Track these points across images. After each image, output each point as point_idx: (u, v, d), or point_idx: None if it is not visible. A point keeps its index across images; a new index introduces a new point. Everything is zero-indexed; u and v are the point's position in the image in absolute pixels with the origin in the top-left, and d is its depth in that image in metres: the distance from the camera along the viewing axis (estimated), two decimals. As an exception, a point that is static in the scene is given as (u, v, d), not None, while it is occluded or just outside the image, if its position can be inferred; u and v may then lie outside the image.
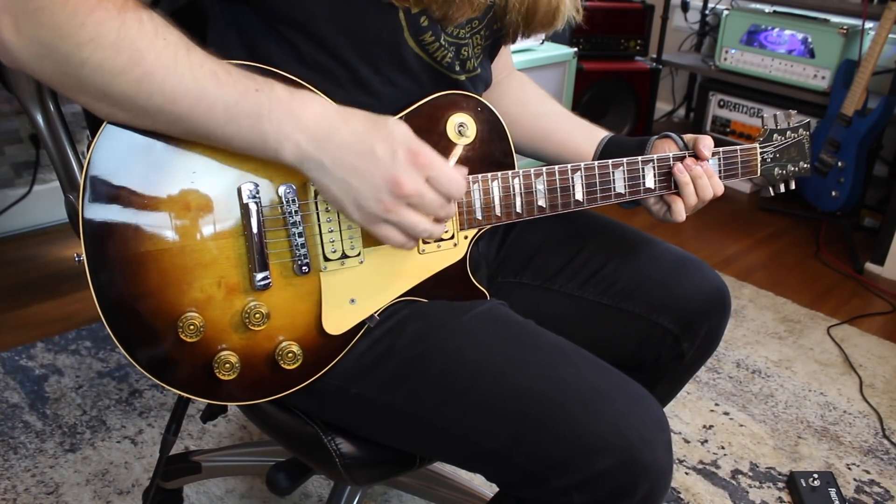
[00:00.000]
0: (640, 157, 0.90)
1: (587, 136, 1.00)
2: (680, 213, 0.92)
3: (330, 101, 0.71)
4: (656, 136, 0.97)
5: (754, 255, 2.50)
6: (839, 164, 2.41)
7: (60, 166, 0.91)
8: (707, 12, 3.26)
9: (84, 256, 0.69)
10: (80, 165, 0.74)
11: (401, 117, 0.80)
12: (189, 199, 0.71)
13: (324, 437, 0.86)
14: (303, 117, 0.68)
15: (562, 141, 1.01)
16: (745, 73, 2.83)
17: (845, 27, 2.53)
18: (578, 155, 0.99)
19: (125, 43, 0.63)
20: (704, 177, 0.91)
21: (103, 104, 0.67)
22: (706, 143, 0.92)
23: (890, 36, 2.31)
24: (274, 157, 0.69)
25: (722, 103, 2.96)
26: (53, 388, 1.68)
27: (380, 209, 0.69)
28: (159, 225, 0.71)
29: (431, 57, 0.81)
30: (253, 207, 0.72)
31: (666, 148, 0.95)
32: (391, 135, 0.69)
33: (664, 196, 0.93)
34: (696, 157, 0.92)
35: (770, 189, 1.03)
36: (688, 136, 0.96)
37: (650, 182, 0.91)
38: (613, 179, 0.89)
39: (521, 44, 2.49)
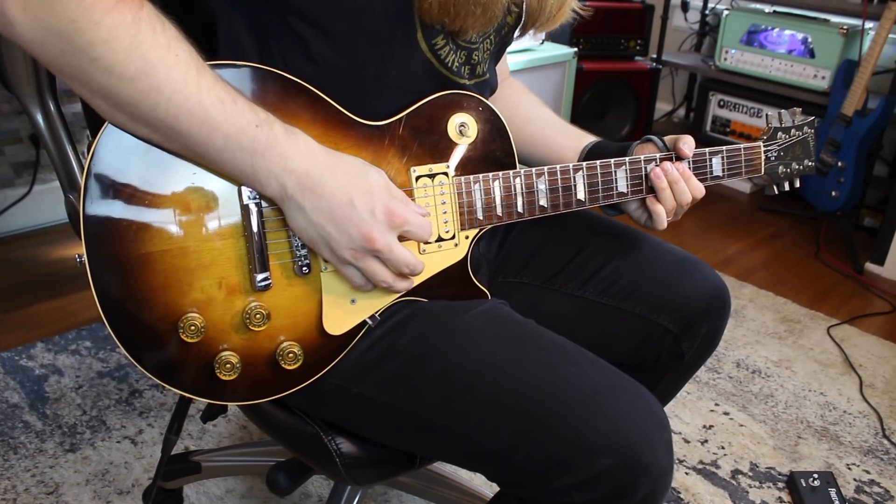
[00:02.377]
0: (642, 156, 0.90)
1: (572, 142, 1.00)
2: (661, 218, 0.90)
3: (319, 145, 0.72)
4: (637, 142, 0.96)
5: (754, 255, 2.50)
6: (839, 164, 2.41)
7: (60, 166, 0.91)
8: (707, 12, 3.26)
9: (85, 257, 0.69)
10: (81, 165, 0.74)
11: (401, 117, 0.80)
12: (189, 199, 0.71)
13: (324, 436, 0.86)
14: (293, 160, 0.70)
15: (548, 146, 1.01)
16: (745, 73, 2.83)
17: (845, 27, 2.53)
18: (560, 161, 0.98)
19: (138, 52, 0.63)
20: (681, 181, 0.89)
21: (103, 102, 0.67)
22: (687, 141, 0.91)
23: (890, 36, 2.31)
24: (259, 190, 0.72)
25: (722, 103, 2.96)
26: (53, 388, 1.68)
27: (350, 256, 0.73)
28: (160, 226, 0.71)
29: (441, 62, 0.81)
30: (253, 208, 0.72)
31: (647, 152, 0.94)
32: (370, 190, 0.72)
33: (646, 203, 0.92)
34: (679, 157, 0.91)
35: (774, 188, 1.03)
36: (668, 138, 0.95)
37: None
38: (615, 179, 0.89)
39: (521, 44, 2.49)
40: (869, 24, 2.53)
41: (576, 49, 2.65)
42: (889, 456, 1.62)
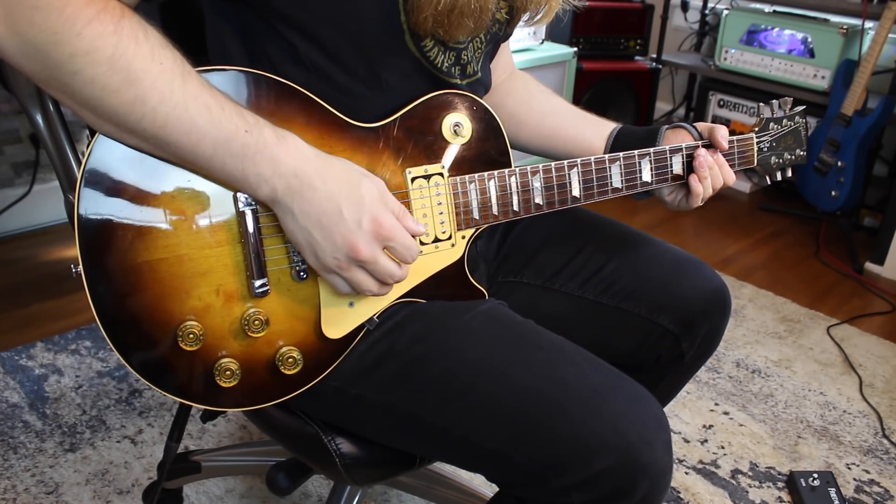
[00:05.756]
0: (636, 152, 0.90)
1: (596, 130, 1.00)
2: (696, 198, 0.93)
3: (311, 147, 0.72)
4: (667, 126, 0.96)
5: (754, 255, 2.50)
6: (839, 163, 2.41)
7: (60, 166, 0.91)
8: (707, 12, 3.25)
9: (81, 268, 0.69)
10: (80, 165, 0.74)
11: (395, 119, 0.80)
12: (185, 207, 0.71)
13: (324, 437, 0.86)
14: (283, 164, 0.69)
15: (571, 138, 1.01)
16: (744, 72, 2.83)
17: (845, 27, 2.53)
18: (589, 151, 0.99)
19: (121, 62, 0.63)
20: (716, 167, 0.92)
21: (90, 114, 0.66)
22: (723, 133, 0.93)
23: (890, 36, 2.31)
24: (250, 193, 0.71)
25: (722, 103, 2.96)
26: (53, 387, 1.68)
27: (334, 264, 0.72)
28: (156, 234, 0.70)
29: (431, 63, 0.81)
30: (249, 214, 0.72)
31: (678, 139, 0.95)
32: (361, 200, 0.71)
33: (689, 182, 0.93)
34: (711, 146, 0.93)
35: (767, 178, 1.03)
36: (701, 125, 0.96)
37: (647, 176, 0.91)
38: (610, 175, 0.89)
39: (521, 44, 2.49)
40: (869, 24, 2.53)
41: (576, 49, 2.64)
42: (889, 456, 1.62)
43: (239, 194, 0.72)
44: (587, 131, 1.01)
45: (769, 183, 1.03)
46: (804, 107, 1.02)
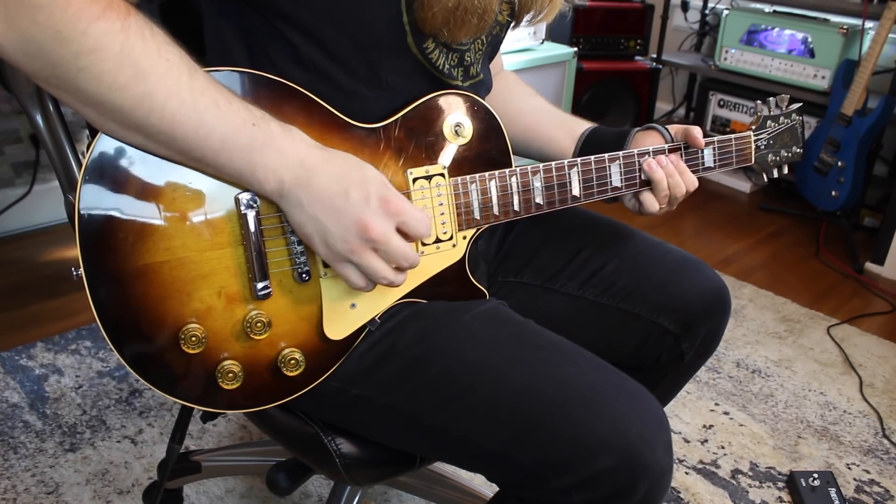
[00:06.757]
0: (636, 151, 0.90)
1: (567, 131, 1.00)
2: (652, 209, 0.92)
3: (313, 141, 0.72)
4: (638, 129, 0.96)
5: (754, 255, 2.50)
6: (839, 163, 2.41)
7: (60, 166, 0.91)
8: (707, 12, 3.26)
9: (82, 271, 0.69)
10: (80, 165, 0.74)
11: (396, 119, 0.80)
12: (187, 209, 0.71)
13: (324, 437, 0.86)
14: (290, 156, 0.69)
15: (544, 137, 1.01)
16: (744, 72, 2.83)
17: (845, 27, 2.53)
18: (558, 151, 0.99)
19: (129, 59, 0.62)
20: (676, 174, 0.91)
21: (93, 111, 0.65)
22: (697, 132, 0.92)
23: (890, 36, 2.31)
24: (257, 188, 0.71)
25: (722, 103, 2.96)
26: (53, 387, 1.68)
27: (346, 249, 0.71)
28: (157, 236, 0.70)
29: (432, 64, 0.81)
30: (251, 216, 0.72)
31: (648, 141, 0.95)
32: (366, 180, 0.71)
33: (637, 193, 0.93)
34: (687, 147, 0.93)
35: (763, 176, 1.03)
36: (674, 128, 0.95)
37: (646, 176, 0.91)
38: (610, 174, 0.89)
39: (521, 44, 2.49)
40: (869, 24, 2.53)
41: (576, 49, 2.64)
42: (889, 456, 1.62)
43: (241, 195, 0.72)
44: (558, 131, 1.00)
45: (766, 181, 1.04)
46: (801, 104, 1.03)
